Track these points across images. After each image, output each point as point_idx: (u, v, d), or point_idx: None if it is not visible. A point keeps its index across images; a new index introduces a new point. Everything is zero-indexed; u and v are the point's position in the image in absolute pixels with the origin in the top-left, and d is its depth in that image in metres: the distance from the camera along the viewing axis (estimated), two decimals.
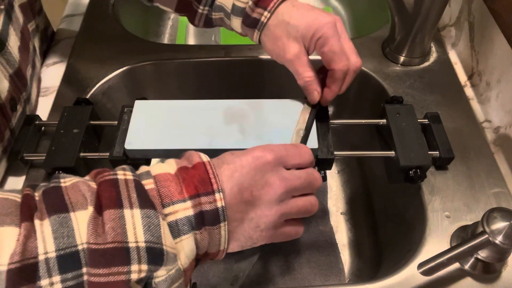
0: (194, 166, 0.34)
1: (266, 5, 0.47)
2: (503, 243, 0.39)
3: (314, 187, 0.38)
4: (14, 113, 0.52)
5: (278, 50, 0.47)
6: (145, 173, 0.33)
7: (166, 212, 0.31)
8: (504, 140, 0.56)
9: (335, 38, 0.44)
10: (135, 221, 0.30)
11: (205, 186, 0.33)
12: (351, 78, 0.46)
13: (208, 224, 0.33)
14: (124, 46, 0.68)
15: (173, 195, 0.32)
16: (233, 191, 0.34)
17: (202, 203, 0.32)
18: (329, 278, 0.65)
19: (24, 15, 0.58)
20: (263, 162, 0.35)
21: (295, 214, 0.37)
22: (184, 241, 0.32)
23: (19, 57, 0.53)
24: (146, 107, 0.50)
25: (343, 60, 0.44)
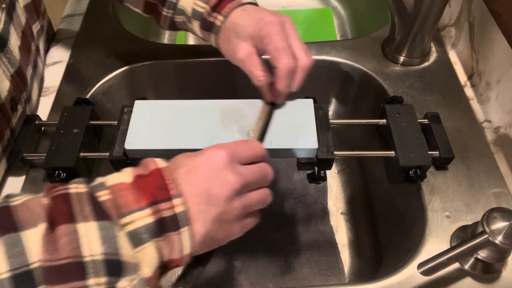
0: (150, 173, 0.34)
1: (221, 9, 0.48)
2: (503, 243, 0.39)
3: (267, 179, 0.39)
4: (14, 113, 0.52)
5: (230, 51, 0.48)
6: (100, 185, 0.33)
7: (124, 222, 0.31)
8: (504, 140, 0.56)
9: (279, 36, 0.45)
10: (90, 234, 0.30)
11: (162, 192, 0.33)
12: (300, 76, 0.46)
13: (169, 230, 0.32)
14: (124, 46, 0.68)
15: (130, 204, 0.32)
16: (191, 193, 0.34)
17: (160, 210, 0.32)
18: (329, 278, 0.65)
19: (28, 15, 0.58)
20: (217, 160, 0.36)
21: (254, 206, 0.38)
22: (146, 250, 0.32)
23: (20, 57, 0.53)
24: (146, 107, 0.50)
25: (286, 58, 0.44)
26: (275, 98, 0.48)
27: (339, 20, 1.00)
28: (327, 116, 0.51)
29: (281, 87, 0.45)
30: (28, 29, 0.57)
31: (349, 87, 0.69)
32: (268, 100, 0.49)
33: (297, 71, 0.45)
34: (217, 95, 0.51)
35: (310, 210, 0.72)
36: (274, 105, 0.49)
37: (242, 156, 0.37)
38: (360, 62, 0.66)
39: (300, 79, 0.46)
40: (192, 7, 0.50)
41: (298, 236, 0.69)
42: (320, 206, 0.73)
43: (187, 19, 0.52)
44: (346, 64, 0.66)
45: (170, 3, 0.52)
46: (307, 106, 0.51)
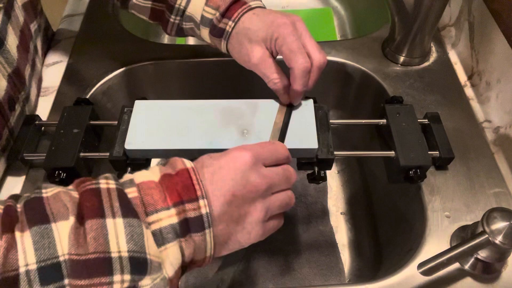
0: (177, 173, 0.34)
1: (231, 15, 0.48)
2: (503, 243, 0.39)
3: (291, 181, 0.39)
4: (12, 112, 0.52)
5: (243, 56, 0.48)
6: (129, 181, 0.33)
7: (150, 220, 0.31)
8: (504, 140, 0.56)
9: (293, 37, 0.45)
10: (118, 230, 0.30)
11: (188, 192, 0.33)
12: (315, 75, 0.46)
13: (193, 231, 0.32)
14: (124, 46, 0.68)
15: (156, 203, 0.32)
16: (215, 194, 0.34)
17: (186, 210, 0.32)
18: (329, 278, 0.65)
19: (26, 15, 0.58)
20: (241, 162, 0.35)
21: (277, 209, 0.38)
22: (169, 249, 0.32)
23: (18, 56, 0.53)
24: (146, 107, 0.50)
25: (301, 58, 0.44)
26: (291, 99, 0.49)
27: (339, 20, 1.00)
28: (327, 116, 0.51)
29: (298, 87, 0.46)
30: (26, 28, 0.57)
31: (349, 87, 0.69)
32: (285, 102, 0.49)
33: (312, 69, 0.46)
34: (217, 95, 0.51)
35: (310, 210, 0.72)
36: (291, 106, 0.50)
37: (266, 158, 0.37)
38: (360, 62, 0.66)
39: (315, 77, 0.47)
40: (202, 13, 0.50)
41: (298, 236, 0.69)
42: (320, 206, 0.73)
43: (196, 26, 0.52)
44: (346, 64, 0.66)
45: (178, 10, 0.52)
46: (307, 106, 0.51)
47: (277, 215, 0.39)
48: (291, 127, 0.49)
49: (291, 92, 0.48)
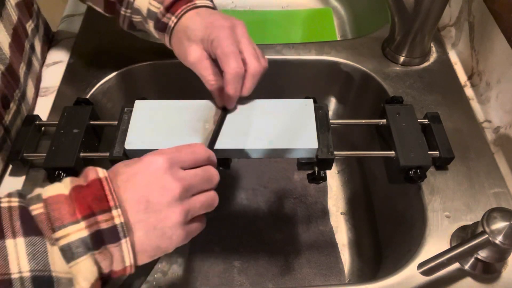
0: (88, 184, 0.33)
1: (175, 11, 0.48)
2: (503, 243, 0.39)
3: (213, 182, 0.39)
4: (7, 110, 0.52)
5: (182, 54, 0.48)
6: (35, 197, 0.32)
7: (57, 236, 0.31)
8: (504, 140, 0.56)
9: (228, 41, 0.44)
10: (19, 250, 0.29)
11: (100, 204, 0.32)
12: (250, 81, 0.46)
13: (108, 243, 0.32)
14: (124, 46, 0.68)
15: (64, 217, 0.31)
16: (130, 202, 0.33)
17: (98, 221, 0.32)
18: (329, 278, 0.65)
19: (20, 14, 0.58)
20: (155, 167, 0.35)
21: (197, 211, 0.37)
22: (81, 264, 0.31)
23: (10, 54, 0.53)
24: (146, 107, 0.50)
25: (233, 63, 0.44)
26: (225, 102, 0.48)
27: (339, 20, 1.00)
28: (327, 116, 0.51)
29: (230, 91, 0.45)
30: (20, 27, 0.57)
31: (349, 87, 0.69)
32: (219, 105, 0.49)
33: (246, 76, 0.45)
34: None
35: (310, 210, 0.72)
36: (225, 110, 0.49)
37: (183, 160, 0.37)
38: (360, 62, 0.66)
39: (250, 84, 0.46)
40: (148, 7, 0.50)
41: (298, 236, 0.69)
42: (320, 206, 0.73)
43: (143, 19, 0.52)
44: (346, 64, 0.66)
45: (128, 3, 0.52)
46: (307, 106, 0.51)
47: (199, 216, 0.38)
48: (291, 127, 0.49)
49: (224, 96, 0.47)
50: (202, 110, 0.50)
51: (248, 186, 0.74)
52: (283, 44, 0.68)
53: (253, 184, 0.75)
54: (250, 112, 0.50)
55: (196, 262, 0.67)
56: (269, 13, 0.99)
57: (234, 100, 0.48)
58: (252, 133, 0.48)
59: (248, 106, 0.50)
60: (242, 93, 0.46)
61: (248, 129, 0.48)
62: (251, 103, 0.51)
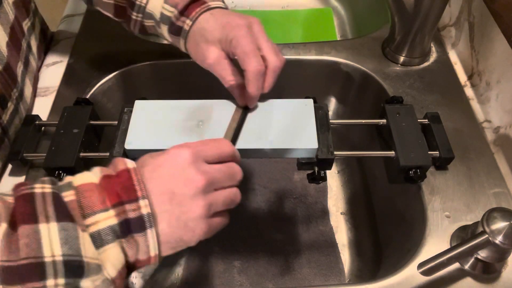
0: (118, 174, 0.34)
1: (189, 14, 0.48)
2: (503, 243, 0.39)
3: (236, 179, 0.39)
4: (4, 110, 0.52)
5: (200, 56, 0.48)
6: (67, 185, 0.33)
7: (88, 223, 0.31)
8: (504, 140, 0.56)
9: (247, 39, 0.44)
10: (52, 235, 0.30)
11: (128, 193, 0.33)
12: (271, 78, 0.46)
13: (134, 232, 0.32)
14: (124, 46, 0.68)
15: (94, 205, 0.32)
16: (155, 193, 0.34)
17: (126, 211, 0.32)
18: (329, 278, 0.65)
19: (18, 12, 0.58)
20: (181, 159, 0.35)
21: (220, 206, 0.37)
22: (109, 251, 0.32)
23: (7, 52, 0.53)
24: (146, 107, 0.50)
25: (254, 61, 0.44)
26: (247, 101, 0.48)
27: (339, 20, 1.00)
28: (327, 116, 0.51)
29: (252, 90, 0.45)
30: (17, 25, 0.57)
31: (349, 87, 0.69)
32: (241, 104, 0.49)
33: (267, 72, 0.45)
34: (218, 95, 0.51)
35: (310, 210, 0.72)
36: (246, 108, 0.49)
37: (208, 155, 0.37)
38: (360, 62, 0.66)
39: (271, 81, 0.46)
40: (161, 11, 0.50)
41: (298, 236, 0.69)
42: (320, 206, 0.73)
43: (156, 24, 0.52)
44: (346, 64, 0.66)
45: (139, 7, 0.52)
46: (307, 106, 0.51)
47: (222, 212, 0.38)
48: (291, 127, 0.49)
49: (246, 95, 0.47)
50: (202, 110, 0.50)
51: (248, 186, 0.74)
52: (283, 44, 0.68)
53: (253, 184, 0.75)
54: (251, 112, 0.50)
55: (196, 262, 0.67)
56: (269, 13, 0.99)
57: (256, 98, 0.48)
58: (252, 133, 0.48)
59: None
60: (264, 90, 0.47)
61: (248, 129, 0.48)
62: None
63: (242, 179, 0.40)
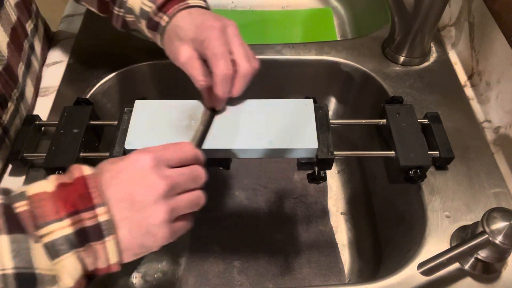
0: (73, 182, 0.33)
1: (167, 10, 0.48)
2: (503, 243, 0.39)
3: (199, 182, 0.38)
4: (5, 110, 0.52)
5: (173, 53, 0.48)
6: (19, 194, 0.32)
7: (41, 233, 0.31)
8: (504, 140, 0.56)
9: (218, 41, 0.44)
10: (2, 247, 0.29)
11: (84, 201, 0.32)
12: (240, 83, 0.45)
13: (92, 240, 0.32)
14: (124, 46, 0.68)
15: (48, 215, 0.31)
16: (115, 200, 0.33)
17: (82, 219, 0.32)
18: (329, 278, 0.65)
19: (20, 14, 0.58)
20: (141, 164, 0.35)
21: (183, 209, 0.37)
22: (65, 261, 0.31)
23: (8, 53, 0.53)
24: (146, 107, 0.50)
25: (222, 64, 0.43)
26: (214, 103, 0.48)
27: (339, 20, 1.00)
28: (327, 116, 0.51)
29: (218, 93, 0.45)
30: (19, 26, 0.57)
31: (349, 87, 0.69)
32: (208, 105, 0.49)
33: (236, 77, 0.45)
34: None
35: (310, 210, 0.72)
36: (214, 110, 0.49)
37: (169, 159, 0.37)
38: (360, 62, 0.66)
39: (239, 86, 0.46)
40: (140, 6, 0.50)
41: (298, 236, 0.69)
42: (320, 206, 0.73)
43: (136, 19, 0.52)
44: (346, 64, 0.66)
45: (121, 2, 0.52)
46: (307, 106, 0.51)
47: (185, 215, 0.38)
48: (291, 127, 0.49)
49: (213, 97, 0.47)
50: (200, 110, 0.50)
51: (248, 186, 0.74)
52: (283, 44, 0.68)
53: (253, 184, 0.75)
54: (250, 112, 0.50)
55: (196, 262, 0.67)
56: (269, 13, 0.99)
57: (222, 101, 0.47)
58: (252, 133, 0.48)
59: (248, 106, 0.50)
60: (232, 94, 0.46)
61: (248, 129, 0.48)
62: (251, 103, 0.51)
63: (206, 181, 0.39)
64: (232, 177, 0.75)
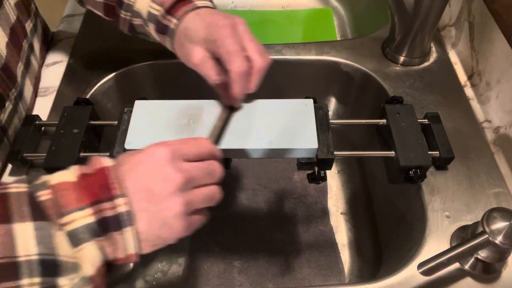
0: (94, 172, 0.34)
1: (175, 13, 0.48)
2: (503, 243, 0.39)
3: (215, 177, 0.39)
4: (2, 109, 0.52)
5: (185, 56, 0.48)
6: (42, 183, 0.33)
7: (64, 221, 0.31)
8: (504, 140, 0.56)
9: (231, 39, 0.44)
10: (27, 234, 0.30)
11: (105, 192, 0.33)
12: (256, 78, 0.46)
13: (112, 230, 0.33)
14: (124, 46, 0.68)
15: (71, 203, 0.32)
16: (133, 191, 0.34)
17: (103, 209, 0.32)
18: (329, 278, 0.65)
19: (19, 13, 0.58)
20: (158, 157, 0.35)
21: (199, 203, 0.37)
22: (86, 249, 0.32)
23: (7, 53, 0.53)
24: (146, 107, 0.50)
25: (238, 61, 0.44)
26: (232, 101, 0.48)
27: (339, 20, 1.00)
28: (327, 116, 0.51)
29: (236, 90, 0.45)
30: (18, 26, 0.57)
31: (349, 87, 0.69)
32: (226, 104, 0.49)
33: (252, 73, 0.45)
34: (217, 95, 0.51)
35: (310, 210, 0.72)
36: (232, 108, 0.49)
37: (186, 153, 0.37)
38: (360, 62, 0.66)
39: (256, 81, 0.46)
40: (148, 9, 0.50)
41: (298, 236, 0.69)
42: (320, 206, 0.73)
43: (144, 22, 0.52)
44: (346, 64, 0.66)
45: (128, 6, 0.52)
46: (307, 106, 0.51)
47: (201, 209, 0.38)
48: (291, 127, 0.49)
49: (231, 95, 0.47)
50: (203, 110, 0.50)
51: (248, 186, 0.74)
52: (283, 44, 0.68)
53: (253, 184, 0.75)
54: (250, 112, 0.50)
55: (196, 262, 0.67)
56: (269, 13, 0.99)
57: (241, 98, 0.48)
58: (252, 133, 0.48)
59: (248, 106, 0.50)
60: (249, 91, 0.46)
61: (248, 129, 0.48)
62: (251, 103, 0.51)
63: (222, 176, 0.40)
64: (232, 177, 0.75)
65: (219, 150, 0.41)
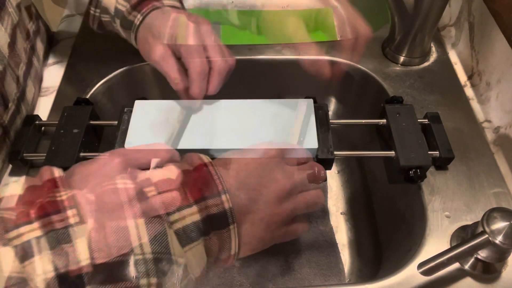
0: (195, 169, 0.32)
1: (141, 9, 0.48)
2: (503, 243, 0.39)
3: (318, 179, 0.38)
4: (5, 110, 0.52)
5: (146, 51, 0.48)
6: (145, 180, 0.31)
7: (172, 219, 0.30)
8: (504, 140, 0.56)
9: (193, 38, 0.44)
10: (140, 231, 0.28)
11: (210, 188, 0.31)
12: (216, 79, 0.46)
13: (216, 228, 0.31)
14: (124, 46, 0.67)
15: (177, 201, 0.30)
16: (240, 191, 0.33)
17: (208, 206, 0.31)
18: (329, 278, 0.65)
19: (22, 15, 0.58)
20: (267, 159, 0.35)
21: (303, 209, 0.37)
22: (194, 249, 0.30)
23: (9, 53, 0.53)
24: (146, 107, 0.50)
25: (197, 61, 0.44)
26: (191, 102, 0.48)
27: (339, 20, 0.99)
28: (327, 116, 0.51)
29: (194, 90, 0.45)
30: (22, 27, 0.57)
31: (349, 87, 0.69)
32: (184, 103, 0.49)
33: (212, 74, 0.45)
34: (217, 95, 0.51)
35: None
36: (190, 108, 0.49)
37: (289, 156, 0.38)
38: (360, 62, 0.66)
39: (215, 82, 0.46)
40: (115, 5, 0.50)
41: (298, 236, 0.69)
42: (320, 206, 0.73)
43: (111, 18, 0.52)
44: (346, 64, 0.66)
45: (96, 2, 0.52)
46: (307, 106, 0.51)
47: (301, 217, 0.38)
48: (291, 127, 0.49)
49: (189, 95, 0.46)
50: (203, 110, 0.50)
51: None
52: (283, 44, 0.68)
53: None
54: (250, 112, 0.50)
55: None
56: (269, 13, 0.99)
57: (199, 99, 0.47)
58: (252, 133, 0.48)
59: (248, 106, 0.50)
60: (208, 92, 0.46)
61: (248, 129, 0.48)
62: (251, 103, 0.51)
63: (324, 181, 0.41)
64: None
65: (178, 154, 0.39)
